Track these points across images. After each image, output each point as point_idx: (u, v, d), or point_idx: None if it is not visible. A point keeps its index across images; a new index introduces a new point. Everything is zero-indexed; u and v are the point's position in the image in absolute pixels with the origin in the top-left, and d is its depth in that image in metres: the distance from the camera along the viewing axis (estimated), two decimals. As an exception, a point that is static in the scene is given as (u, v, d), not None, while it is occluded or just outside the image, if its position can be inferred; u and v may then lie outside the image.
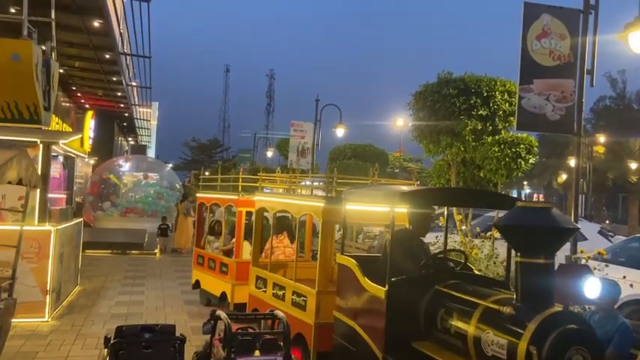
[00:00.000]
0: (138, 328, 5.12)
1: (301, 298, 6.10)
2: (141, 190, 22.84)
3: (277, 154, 27.34)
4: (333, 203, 5.97)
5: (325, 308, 5.75)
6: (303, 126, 20.41)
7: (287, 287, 6.48)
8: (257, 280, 7.35)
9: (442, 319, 4.43)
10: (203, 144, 74.95)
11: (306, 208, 6.42)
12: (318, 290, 5.83)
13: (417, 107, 9.46)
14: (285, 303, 6.42)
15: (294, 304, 6.26)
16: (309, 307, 5.92)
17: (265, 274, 7.10)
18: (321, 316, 5.79)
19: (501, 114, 8.77)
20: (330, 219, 6.06)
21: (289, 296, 6.38)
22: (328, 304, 5.71)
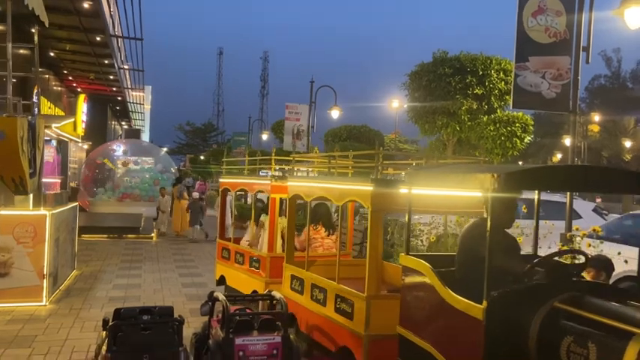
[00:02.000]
0: (136, 311, 5.13)
1: (347, 303, 5.06)
2: (136, 175, 22.80)
3: (272, 136, 27.23)
4: (384, 187, 4.84)
5: (378, 317, 4.72)
6: (298, 108, 20.34)
7: (328, 290, 5.45)
8: (292, 280, 6.26)
9: (571, 352, 3.09)
10: (197, 128, 74.69)
11: (350, 193, 5.29)
12: (369, 295, 4.76)
13: (413, 87, 9.43)
14: (326, 309, 5.41)
15: (339, 310, 5.21)
16: (358, 316, 4.86)
17: (301, 274, 6.03)
18: (373, 326, 4.71)
19: (497, 93, 8.76)
20: (381, 207, 4.87)
21: (332, 301, 5.35)
22: (382, 311, 4.71)
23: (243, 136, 32.79)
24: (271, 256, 7.19)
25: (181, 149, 71.30)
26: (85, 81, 20.51)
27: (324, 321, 5.43)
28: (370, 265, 4.83)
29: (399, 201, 4.81)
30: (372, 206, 4.83)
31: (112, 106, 28.48)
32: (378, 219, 4.92)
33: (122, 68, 20.08)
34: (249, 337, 4.88)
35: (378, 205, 4.86)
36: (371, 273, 4.81)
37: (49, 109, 16.98)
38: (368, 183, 4.90)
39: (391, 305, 4.60)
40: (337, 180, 5.77)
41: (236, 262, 8.13)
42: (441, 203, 5.08)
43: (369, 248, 4.91)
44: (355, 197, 5.22)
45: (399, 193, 4.79)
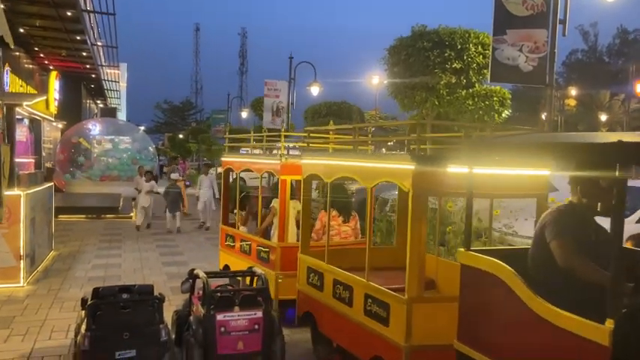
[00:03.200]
0: (115, 289, 5.10)
1: (380, 305, 4.28)
2: (114, 155, 22.46)
3: (252, 114, 26.98)
4: (429, 164, 4.03)
5: (422, 324, 3.96)
6: (277, 85, 20.10)
7: (355, 288, 4.65)
8: (309, 274, 5.48)
9: None
10: (175, 106, 73.64)
11: (384, 173, 4.42)
12: (411, 297, 3.95)
13: (392, 62, 9.39)
14: (353, 310, 4.64)
15: (370, 313, 4.41)
16: (396, 322, 4.08)
17: (320, 266, 5.25)
18: (417, 335, 3.93)
19: (475, 67, 8.77)
20: (425, 189, 4.04)
21: (360, 301, 4.56)
22: (427, 317, 3.98)
23: (222, 113, 32.41)
24: (282, 246, 6.32)
25: (159, 128, 70.32)
26: (57, 58, 19.97)
27: (350, 324, 4.65)
28: (412, 261, 3.98)
29: (446, 182, 4.04)
30: (413, 189, 3.96)
31: (86, 84, 27.84)
32: (420, 204, 4.04)
33: (95, 45, 19.57)
34: (230, 313, 4.88)
35: (421, 187, 3.99)
36: (413, 271, 3.97)
37: (21, 87, 16.52)
38: (408, 160, 4.06)
39: (438, 310, 3.99)
40: (368, 157, 4.93)
41: (242, 252, 7.26)
42: (493, 184, 4.11)
43: (410, 241, 4.01)
44: (391, 177, 4.37)
45: (448, 173, 3.99)
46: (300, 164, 6.00)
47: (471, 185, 3.59)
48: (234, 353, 4.86)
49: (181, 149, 37.65)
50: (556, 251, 3.09)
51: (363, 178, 4.70)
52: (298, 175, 6.14)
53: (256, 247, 6.86)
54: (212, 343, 4.78)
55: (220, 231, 8.20)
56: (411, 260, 3.99)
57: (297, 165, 6.17)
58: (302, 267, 5.63)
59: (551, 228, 3.17)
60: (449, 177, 4.03)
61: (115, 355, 4.47)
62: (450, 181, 4.04)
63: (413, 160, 4.04)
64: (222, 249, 8.03)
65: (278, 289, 6.18)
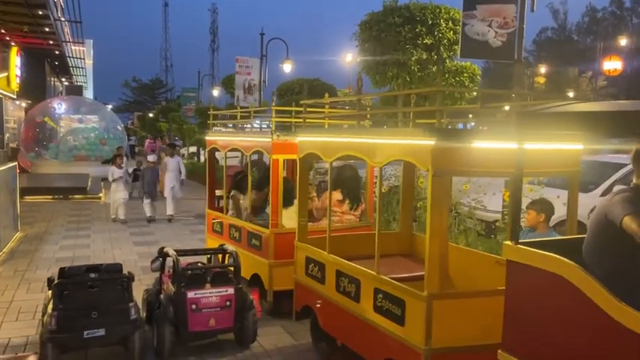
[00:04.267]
0: (82, 269, 5.01)
1: (394, 302, 3.78)
2: (81, 134, 21.91)
3: (223, 92, 26.58)
4: (453, 140, 3.46)
5: (444, 325, 3.47)
6: (249, 62, 19.77)
7: (363, 281, 4.14)
8: (308, 265, 4.95)
9: None
10: (145, 84, 72.10)
11: (399, 150, 3.84)
12: (432, 294, 3.45)
13: (363, 38, 9.31)
14: (360, 306, 4.16)
15: (381, 310, 3.91)
16: (413, 321, 3.59)
17: (321, 256, 4.73)
18: (438, 337, 3.46)
19: (446, 43, 8.76)
20: (447, 169, 3.49)
21: (369, 296, 4.04)
22: (449, 317, 3.49)
23: (192, 92, 31.79)
24: (276, 232, 5.82)
25: (128, 107, 68.90)
26: (19, 34, 19.19)
27: (357, 322, 4.18)
28: (432, 252, 3.46)
29: (473, 160, 3.50)
30: (433, 168, 3.39)
31: (50, 61, 26.96)
32: (442, 186, 3.48)
33: (59, 20, 18.88)
34: (201, 291, 4.87)
35: (443, 166, 3.42)
36: (433, 263, 3.45)
37: (-20, 64, 15.88)
38: (427, 135, 3.46)
39: (462, 307, 3.53)
40: (379, 133, 4.31)
41: (231, 239, 6.74)
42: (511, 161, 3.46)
43: (430, 229, 3.46)
44: (404, 155, 3.81)
45: (473, 149, 3.46)
46: (293, 142, 5.55)
47: (521, 164, 2.94)
48: (206, 330, 4.87)
49: (151, 128, 36.99)
50: (631, 226, 2.61)
51: (370, 157, 4.12)
52: (292, 154, 5.71)
53: (247, 233, 6.33)
54: (183, 320, 4.77)
55: (206, 216, 7.66)
56: (432, 251, 3.44)
57: (290, 143, 5.75)
58: (300, 256, 5.09)
59: (621, 206, 2.76)
60: (474, 154, 3.46)
61: (83, 335, 4.42)
62: (474, 159, 3.49)
63: (433, 134, 3.41)
64: (209, 235, 7.41)
65: (272, 279, 5.77)
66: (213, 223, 7.35)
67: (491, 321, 3.26)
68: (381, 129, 4.71)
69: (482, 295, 3.56)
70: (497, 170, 3.72)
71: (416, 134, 3.70)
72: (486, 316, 3.42)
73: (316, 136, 5.03)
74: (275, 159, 5.88)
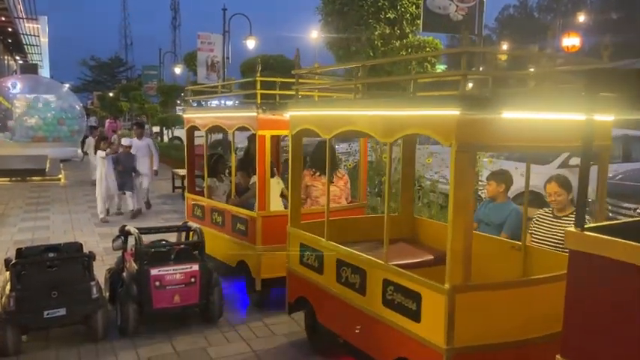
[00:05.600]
0: (40, 249, 4.90)
1: (407, 295, 3.36)
2: (37, 114, 21.14)
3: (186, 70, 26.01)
4: (481, 109, 2.95)
5: (469, 322, 3.05)
6: (211, 38, 19.37)
7: (369, 271, 3.71)
8: (303, 252, 4.52)
9: None
10: (104, 63, 70.02)
11: (415, 122, 3.31)
12: (454, 286, 3.02)
13: (326, 12, 9.21)
14: (366, 300, 3.74)
15: (391, 304, 3.50)
16: (431, 317, 3.17)
17: (318, 244, 4.29)
18: (461, 335, 3.04)
19: (408, 17, 8.75)
20: (473, 143, 2.99)
21: (376, 288, 3.62)
22: (474, 312, 3.08)
23: (154, 69, 30.98)
24: (264, 215, 5.37)
25: (87, 86, 66.86)
26: (-34, 9, 18.28)
27: (362, 317, 3.78)
28: (455, 240, 2.98)
29: (505, 133, 3.07)
30: (457, 143, 2.91)
31: (2, 39, 25.78)
32: (467, 164, 2.97)
33: (9, -6, 18.03)
34: (165, 268, 4.83)
35: (469, 139, 2.93)
36: (456, 252, 2.98)
37: None
38: (450, 104, 2.98)
39: (488, 300, 3.10)
40: (390, 104, 3.68)
41: (213, 223, 6.25)
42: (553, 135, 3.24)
43: (453, 213, 2.98)
44: (421, 128, 3.27)
45: (503, 121, 2.98)
46: (281, 117, 5.23)
47: (590, 136, 2.42)
48: (170, 307, 4.84)
49: (112, 108, 36.01)
50: None
51: (378, 132, 3.61)
52: (279, 130, 5.45)
53: (231, 217, 5.86)
54: (147, 297, 4.74)
55: (186, 200, 7.09)
56: (455, 238, 2.97)
57: (277, 119, 5.34)
58: (293, 243, 4.64)
59: None
60: (507, 126, 3.03)
61: (43, 315, 4.35)
62: (507, 132, 3.06)
63: (458, 103, 2.90)
64: (190, 220, 6.66)
65: (260, 266, 5.32)
66: (193, 207, 6.81)
67: (522, 315, 3.09)
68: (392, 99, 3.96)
69: (510, 287, 3.19)
70: (533, 145, 3.26)
71: (437, 104, 3.19)
72: (515, 309, 3.13)
73: (312, 109, 4.51)
74: (261, 135, 5.38)
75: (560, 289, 2.47)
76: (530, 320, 3.16)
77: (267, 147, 5.39)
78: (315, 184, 5.73)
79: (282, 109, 5.23)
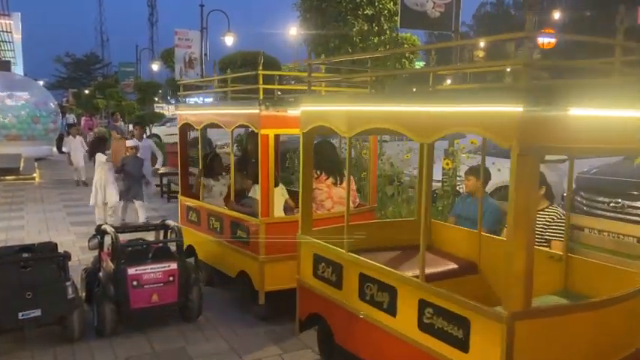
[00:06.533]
0: (14, 249, 4.79)
1: (450, 321, 2.89)
2: (10, 112, 20.68)
3: (163, 66, 25.71)
4: (549, 105, 2.53)
5: (531, 354, 2.65)
6: (189, 34, 19.17)
7: (401, 290, 3.26)
8: (317, 265, 4.04)
9: None
10: (79, 59, 68.83)
11: (460, 120, 2.84)
12: (513, 313, 2.56)
13: (304, 8, 9.21)
14: (397, 321, 3.28)
15: (430, 329, 3.04)
16: (484, 348, 2.71)
17: (337, 256, 3.82)
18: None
19: (386, 13, 8.80)
20: (539, 145, 2.54)
21: (410, 310, 3.16)
22: (538, 343, 2.66)
23: (130, 66, 30.58)
24: (268, 222, 4.87)
25: (62, 83, 65.58)
26: None
27: (391, 341, 3.33)
28: (516, 257, 2.53)
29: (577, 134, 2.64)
30: (520, 145, 2.46)
31: (-27, 35, 25.15)
32: (530, 169, 2.53)
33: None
34: (142, 267, 4.77)
35: (533, 141, 2.49)
36: (516, 272, 2.54)
37: None
38: (510, 100, 2.50)
39: (553, 327, 2.68)
40: (432, 98, 3.14)
41: (210, 229, 5.76)
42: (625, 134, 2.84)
43: (512, 224, 2.54)
44: (471, 127, 2.80)
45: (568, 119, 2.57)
46: (285, 114, 4.78)
47: None
48: (148, 306, 4.79)
49: (88, 106, 35.40)
50: None
51: (414, 130, 3.12)
52: (284, 129, 4.94)
53: (230, 223, 5.38)
54: (124, 297, 4.68)
55: (179, 203, 6.53)
56: (515, 257, 2.54)
57: (281, 115, 4.84)
58: (305, 253, 4.17)
59: None
60: (579, 125, 2.62)
61: (17, 316, 4.26)
62: (579, 133, 2.63)
63: (521, 98, 2.44)
64: (184, 225, 6.24)
65: (264, 278, 4.87)
66: (187, 211, 6.32)
67: (589, 341, 2.74)
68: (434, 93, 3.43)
69: (578, 310, 2.80)
70: (604, 146, 2.83)
71: (492, 99, 2.67)
72: (583, 335, 2.77)
73: (329, 105, 4.01)
74: (264, 134, 4.81)
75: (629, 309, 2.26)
76: (599, 346, 2.80)
77: (270, 147, 4.87)
78: (320, 187, 5.21)
79: (288, 105, 4.82)
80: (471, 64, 3.53)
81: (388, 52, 7.54)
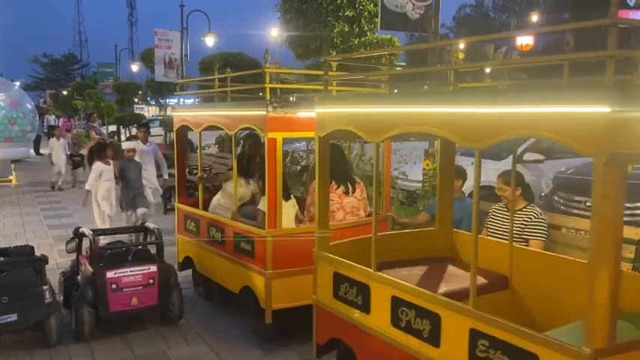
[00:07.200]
0: (-11, 254, 4.69)
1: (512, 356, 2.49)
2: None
3: (143, 67, 25.47)
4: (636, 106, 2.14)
5: None
6: (169, 35, 19.03)
7: (445, 317, 2.83)
8: (339, 285, 3.62)
9: None
10: (57, 60, 67.83)
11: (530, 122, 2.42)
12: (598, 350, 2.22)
13: (285, 9, 9.21)
14: (441, 352, 2.88)
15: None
16: None
17: (364, 275, 3.38)
18: None
19: (367, 15, 8.84)
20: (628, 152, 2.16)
21: (460, 340, 2.75)
22: None
23: (109, 67, 30.17)
24: (275, 235, 4.44)
25: (40, 84, 64.57)
26: None
27: None
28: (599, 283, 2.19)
29: None
30: (607, 153, 2.09)
31: (-54, 35, 24.56)
32: (617, 181, 2.17)
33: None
34: (121, 270, 4.71)
35: (623, 148, 2.11)
36: (601, 301, 2.20)
37: None
38: (595, 99, 2.11)
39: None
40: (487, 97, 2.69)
41: (212, 241, 5.33)
42: None
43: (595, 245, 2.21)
44: (549, 132, 2.33)
45: None
46: (294, 116, 4.35)
47: None
48: (128, 309, 4.73)
49: (66, 107, 34.91)
50: None
51: (464, 135, 2.69)
52: (293, 132, 4.59)
53: (233, 234, 4.92)
54: (103, 301, 4.61)
55: (176, 212, 6.08)
56: (599, 284, 2.18)
57: (290, 117, 4.37)
58: (323, 271, 3.74)
59: None
60: None
61: (-8, 322, 4.17)
62: None
63: (608, 96, 2.05)
64: (181, 236, 5.92)
65: (271, 294, 4.43)
66: (185, 220, 5.84)
67: None
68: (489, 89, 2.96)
69: None
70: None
71: (572, 97, 2.21)
72: None
73: (353, 106, 3.55)
74: (272, 138, 4.32)
75: None
76: None
77: (279, 152, 4.40)
78: (331, 197, 4.61)
79: (299, 106, 4.44)
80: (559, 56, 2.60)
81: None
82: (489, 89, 3.02)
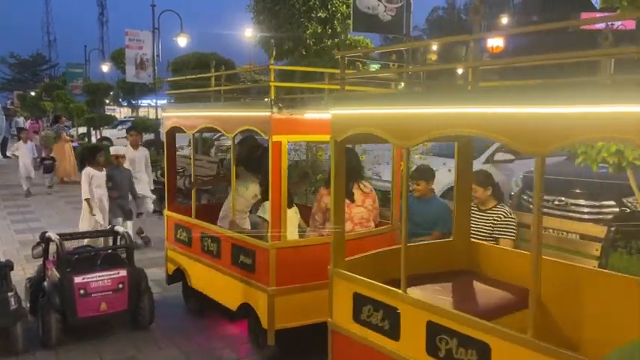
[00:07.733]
0: (-51, 260, 4.54)
1: None
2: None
3: (114, 68, 25.03)
4: None
5: None
6: (140, 35, 18.77)
7: (496, 348, 2.47)
8: (360, 307, 3.19)
9: None
10: (24, 60, 66.34)
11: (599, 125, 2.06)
12: None
13: (257, 10, 9.17)
14: None
15: None
16: None
17: (389, 297, 3.00)
18: None
19: (339, 16, 8.86)
20: None
21: None
22: None
23: (79, 67, 29.55)
24: (279, 247, 4.09)
25: (7, 85, 63.06)
26: None
27: None
28: None
29: None
30: None
31: None
32: None
33: None
34: (90, 275, 4.62)
35: None
36: None
37: None
38: None
39: None
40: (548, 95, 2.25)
41: (205, 252, 4.93)
42: None
43: None
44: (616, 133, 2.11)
45: None
46: (300, 117, 4.03)
47: None
48: (97, 315, 4.64)
49: (34, 108, 34.08)
50: None
51: (520, 139, 2.33)
52: (299, 135, 4.34)
53: (231, 247, 4.56)
54: (71, 306, 4.52)
55: (166, 220, 5.67)
56: None
57: (298, 119, 4.05)
58: (341, 291, 3.33)
59: None
60: None
61: (-46, 330, 4.03)
62: None
63: None
64: (171, 246, 5.53)
65: (274, 313, 4.07)
66: (175, 229, 5.43)
67: None
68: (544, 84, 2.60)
69: None
70: None
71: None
72: None
73: (376, 107, 3.10)
74: (276, 141, 4.00)
75: None
76: None
77: (284, 157, 4.05)
78: None
79: (307, 107, 4.15)
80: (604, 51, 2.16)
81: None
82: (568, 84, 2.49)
